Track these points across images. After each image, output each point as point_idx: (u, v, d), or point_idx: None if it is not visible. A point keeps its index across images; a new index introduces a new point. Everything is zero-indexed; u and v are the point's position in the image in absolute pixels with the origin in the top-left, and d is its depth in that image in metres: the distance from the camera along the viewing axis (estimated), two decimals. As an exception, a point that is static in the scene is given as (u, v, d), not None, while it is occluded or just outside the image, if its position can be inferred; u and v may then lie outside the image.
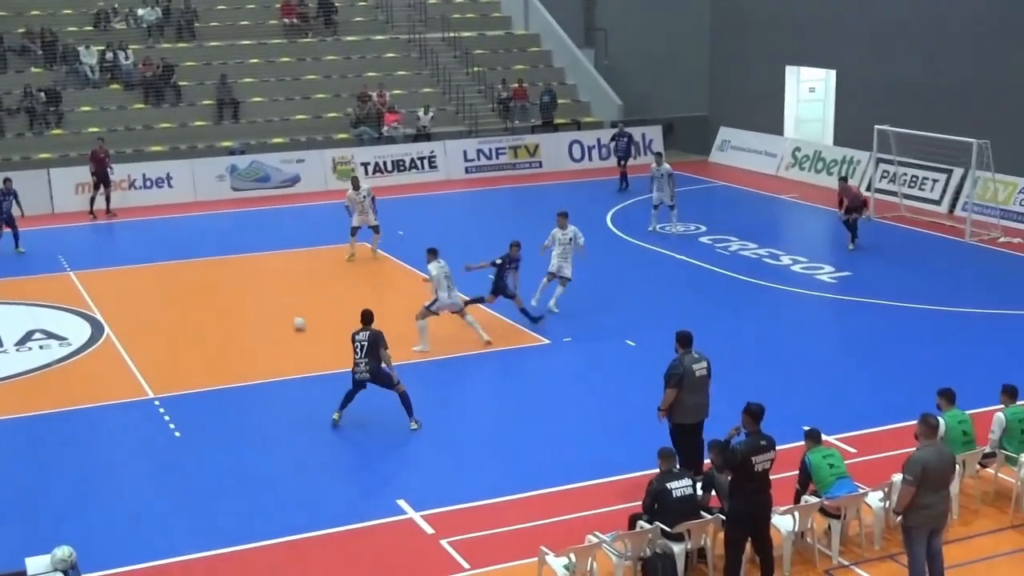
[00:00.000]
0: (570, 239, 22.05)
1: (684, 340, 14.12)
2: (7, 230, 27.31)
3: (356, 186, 26.42)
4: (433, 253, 20.40)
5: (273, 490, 14.84)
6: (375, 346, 16.51)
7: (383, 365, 16.58)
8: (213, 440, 16.51)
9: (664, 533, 12.17)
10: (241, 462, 15.71)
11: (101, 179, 31.30)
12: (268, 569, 13.05)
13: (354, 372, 16.66)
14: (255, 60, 39.28)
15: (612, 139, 35.66)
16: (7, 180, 27.93)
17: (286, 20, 41.14)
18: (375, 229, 26.44)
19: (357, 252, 26.44)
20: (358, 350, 16.59)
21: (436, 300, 20.17)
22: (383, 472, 15.33)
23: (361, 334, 16.67)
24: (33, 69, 36.85)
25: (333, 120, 37.76)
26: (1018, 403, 14.27)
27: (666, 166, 28.38)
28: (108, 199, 31.59)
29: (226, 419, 17.31)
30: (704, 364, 14.05)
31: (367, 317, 16.94)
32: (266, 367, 19.36)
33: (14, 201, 27.76)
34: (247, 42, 40.05)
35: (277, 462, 15.76)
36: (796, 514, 12.60)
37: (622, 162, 34.58)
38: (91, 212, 31.39)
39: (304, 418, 17.37)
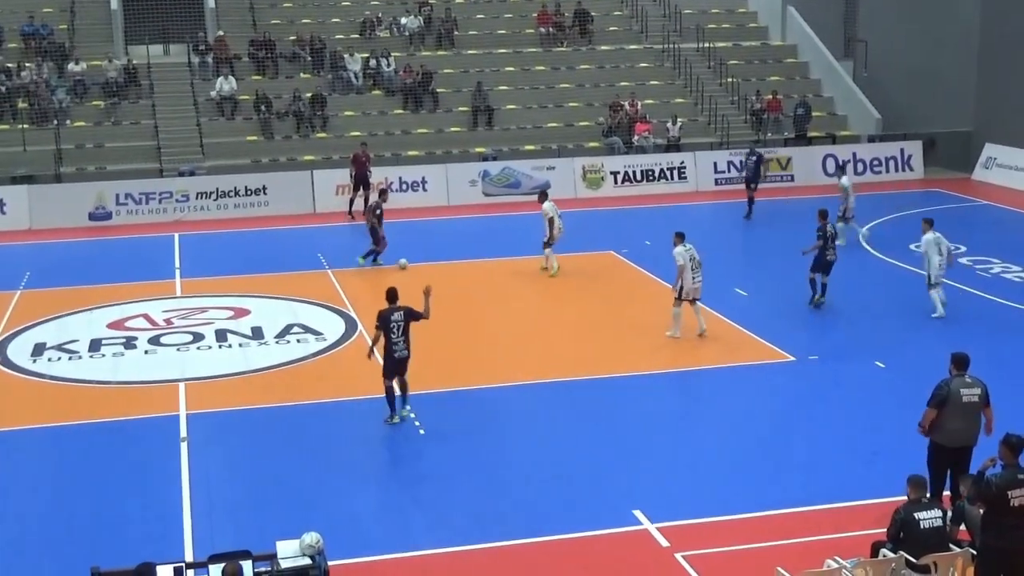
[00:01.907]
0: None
1: (958, 362, 13.60)
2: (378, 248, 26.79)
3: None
4: (680, 237, 20.94)
5: (509, 492, 15.02)
6: (409, 323, 17.02)
7: None
8: (454, 439, 16.85)
9: (909, 564, 11.69)
10: (479, 462, 15.98)
11: (360, 182, 32.45)
12: (500, 571, 13.22)
13: (394, 351, 17.03)
14: (510, 68, 40.02)
15: (745, 158, 32.86)
16: (383, 192, 27.79)
17: (542, 29, 41.75)
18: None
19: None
20: (395, 330, 16.98)
21: (681, 286, 20.72)
22: (619, 481, 15.29)
23: (397, 314, 17.07)
24: (302, 74, 38.62)
25: (584, 128, 38.05)
26: None
27: (844, 179, 28.06)
28: (367, 201, 32.72)
29: (468, 419, 17.64)
30: (977, 391, 13.46)
31: (394, 295, 17.29)
32: (508, 371, 19.65)
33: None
34: (503, 50, 40.85)
35: (514, 465, 15.96)
36: (1054, 554, 11.89)
37: (751, 185, 31.75)
38: (350, 213, 32.61)
39: (543, 423, 17.59)
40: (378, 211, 26.74)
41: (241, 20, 40.72)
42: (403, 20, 41.28)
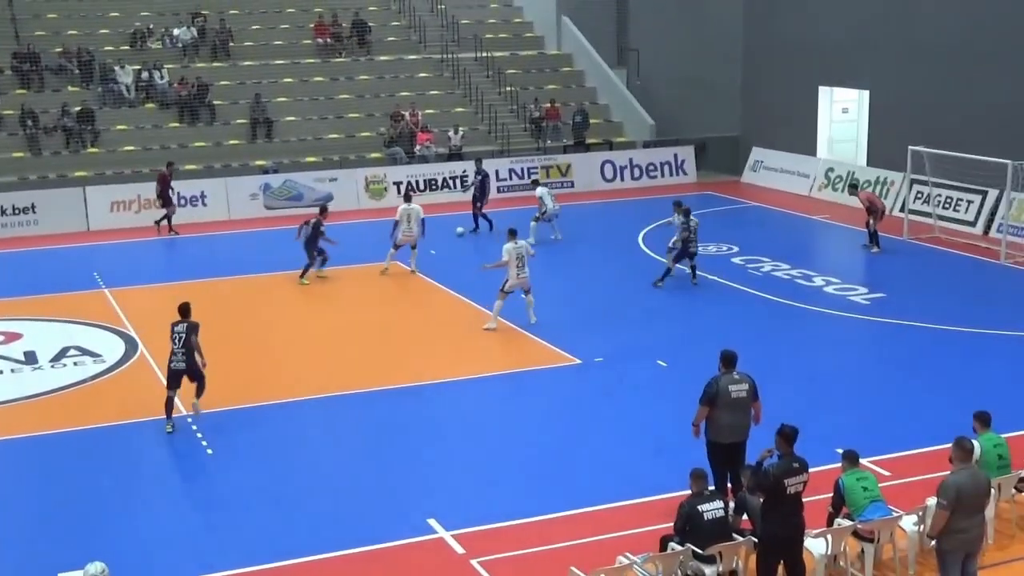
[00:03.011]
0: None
1: (725, 360, 14.05)
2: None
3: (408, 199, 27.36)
4: (512, 234, 22.28)
5: (303, 508, 14.85)
6: (191, 336, 17.32)
7: (196, 356, 17.39)
8: (244, 457, 16.55)
9: (695, 555, 12.11)
10: (271, 480, 15.74)
11: (161, 198, 31.60)
12: (298, 587, 13.07)
13: (171, 362, 17.34)
14: (289, 79, 39.57)
15: (475, 175, 32.14)
16: (324, 209, 27.16)
17: (319, 40, 41.44)
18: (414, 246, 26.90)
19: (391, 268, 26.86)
20: (176, 340, 17.31)
21: (507, 279, 21.83)
22: (413, 491, 15.30)
23: (180, 326, 17.44)
24: (69, 88, 37.28)
25: (366, 139, 37.95)
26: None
27: (538, 190, 29.64)
28: (163, 218, 31.85)
29: (257, 437, 17.35)
30: (744, 386, 13.91)
31: (185, 310, 17.68)
32: (297, 386, 19.42)
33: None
34: (281, 61, 40.38)
35: (307, 480, 15.78)
36: (829, 537, 12.50)
37: (478, 203, 31.27)
38: (157, 224, 31.87)
39: (334, 436, 17.47)
40: (321, 228, 26.20)
41: (2, 32, 38.97)
42: (176, 31, 40.28)
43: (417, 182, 35.81)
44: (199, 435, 17.24)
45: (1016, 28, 29.84)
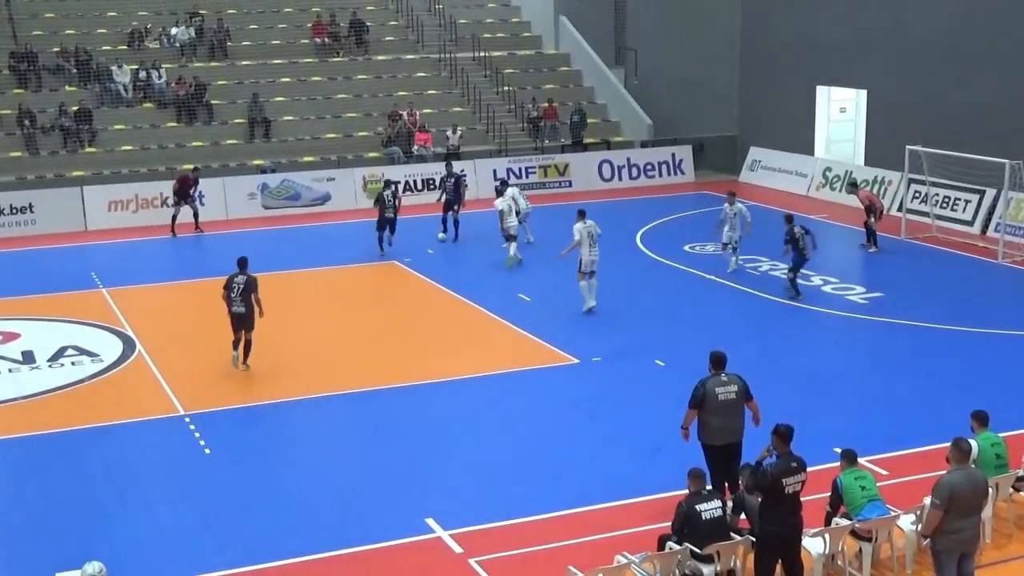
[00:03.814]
0: (736, 213, 25.90)
1: (715, 361, 14.00)
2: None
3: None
4: (581, 214, 22.85)
5: (301, 507, 14.84)
6: (249, 289, 19.48)
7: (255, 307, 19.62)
8: (242, 457, 16.55)
9: (693, 555, 12.11)
10: (269, 479, 15.74)
11: (182, 198, 31.46)
12: (296, 587, 13.06)
13: (231, 306, 19.55)
14: (287, 79, 39.55)
15: (445, 178, 30.97)
16: (388, 183, 29.13)
17: (317, 39, 41.43)
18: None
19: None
20: (235, 289, 19.49)
21: (580, 260, 22.42)
22: (411, 490, 15.30)
23: (239, 277, 19.64)
24: (67, 88, 37.25)
25: (364, 139, 37.94)
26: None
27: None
28: (196, 215, 31.76)
29: (255, 436, 17.37)
30: (733, 388, 13.86)
31: (244, 264, 19.86)
32: (294, 385, 19.42)
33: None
34: (279, 61, 40.35)
35: (305, 479, 15.78)
36: (827, 536, 12.51)
37: (454, 207, 30.03)
38: (172, 230, 31.56)
39: (332, 436, 17.47)
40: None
41: (0, 31, 38.95)
42: (173, 31, 40.25)
43: (415, 182, 35.82)
44: (196, 434, 17.23)
45: (1013, 28, 29.85)
